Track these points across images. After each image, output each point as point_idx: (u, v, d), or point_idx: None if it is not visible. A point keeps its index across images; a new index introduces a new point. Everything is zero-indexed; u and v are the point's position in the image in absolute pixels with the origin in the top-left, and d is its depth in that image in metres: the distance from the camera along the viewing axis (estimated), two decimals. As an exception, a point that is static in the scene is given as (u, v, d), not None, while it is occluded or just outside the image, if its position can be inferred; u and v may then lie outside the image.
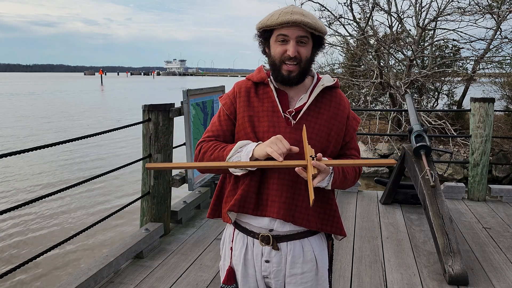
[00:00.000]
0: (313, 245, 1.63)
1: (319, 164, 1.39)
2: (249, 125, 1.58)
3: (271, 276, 1.62)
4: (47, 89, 59.20)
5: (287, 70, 1.54)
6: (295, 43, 1.52)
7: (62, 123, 20.69)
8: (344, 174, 1.58)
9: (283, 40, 1.53)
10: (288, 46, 1.52)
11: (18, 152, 2.62)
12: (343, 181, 1.58)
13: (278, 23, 1.50)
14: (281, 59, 1.54)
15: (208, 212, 1.71)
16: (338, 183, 1.56)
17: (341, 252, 3.67)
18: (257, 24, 1.58)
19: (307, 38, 1.53)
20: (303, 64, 1.55)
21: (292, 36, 1.51)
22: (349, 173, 1.60)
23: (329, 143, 1.59)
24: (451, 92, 13.76)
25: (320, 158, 1.42)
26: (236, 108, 1.63)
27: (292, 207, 1.55)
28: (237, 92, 1.65)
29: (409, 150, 4.34)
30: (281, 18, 1.49)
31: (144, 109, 3.86)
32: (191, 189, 4.32)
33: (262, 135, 1.56)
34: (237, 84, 1.69)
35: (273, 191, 1.55)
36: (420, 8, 12.43)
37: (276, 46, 1.55)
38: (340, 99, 1.65)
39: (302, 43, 1.53)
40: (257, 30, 1.60)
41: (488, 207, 4.98)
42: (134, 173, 9.63)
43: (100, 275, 2.99)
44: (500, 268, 3.41)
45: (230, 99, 1.66)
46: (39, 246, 6.26)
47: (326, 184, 1.52)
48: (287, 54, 1.52)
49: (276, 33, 1.53)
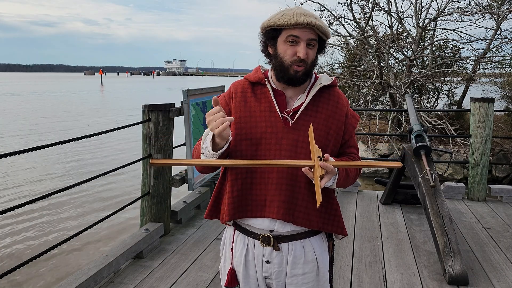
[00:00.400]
0: (314, 245, 1.63)
1: (327, 165, 1.39)
2: (245, 126, 1.58)
3: (272, 277, 1.61)
4: (48, 89, 59.20)
5: (295, 70, 1.53)
6: (305, 45, 1.51)
7: (72, 123, 20.69)
8: (347, 172, 1.58)
9: (293, 41, 1.51)
10: (299, 48, 1.51)
11: (18, 152, 2.62)
12: (345, 179, 1.59)
13: (292, 23, 1.48)
14: (291, 61, 1.53)
15: (206, 212, 1.70)
16: (342, 182, 1.57)
17: (341, 252, 3.67)
18: (265, 22, 1.56)
19: (315, 41, 1.53)
20: (309, 66, 1.55)
21: (304, 38, 1.50)
22: (351, 171, 1.61)
23: (328, 141, 1.59)
24: (451, 92, 13.76)
25: (328, 159, 1.42)
26: (230, 109, 1.62)
27: (292, 206, 1.55)
28: (233, 92, 1.64)
29: (409, 150, 4.34)
30: (295, 19, 1.48)
31: (144, 109, 3.86)
32: (191, 189, 4.32)
33: (260, 136, 1.56)
34: (234, 84, 1.68)
35: (271, 191, 1.54)
36: (420, 8, 12.43)
37: (285, 47, 1.53)
38: (338, 97, 1.65)
39: (311, 45, 1.53)
40: (263, 27, 1.57)
41: (488, 207, 4.98)
42: (134, 173, 9.64)
43: (100, 275, 2.99)
44: (500, 268, 3.41)
45: (224, 100, 1.66)
46: (38, 246, 6.26)
47: (331, 184, 1.52)
48: (297, 56, 1.51)
49: (287, 33, 1.52)
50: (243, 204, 1.57)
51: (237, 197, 1.57)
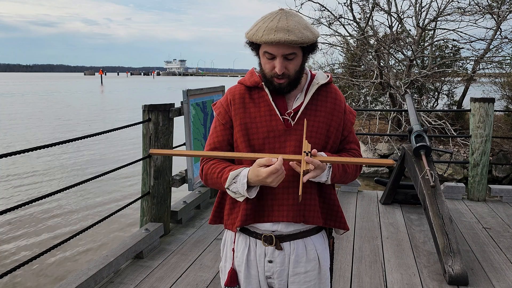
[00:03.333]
0: (316, 243, 1.63)
1: (312, 160, 1.41)
2: (246, 133, 1.57)
3: (274, 276, 1.62)
4: (48, 89, 59.19)
5: (278, 83, 1.53)
6: (282, 60, 1.48)
7: (77, 124, 20.70)
8: (344, 168, 1.58)
9: (269, 57, 1.50)
10: (276, 63, 1.49)
11: (18, 152, 2.62)
12: (343, 175, 1.59)
13: (262, 41, 1.45)
14: (270, 74, 1.52)
15: (210, 218, 1.71)
16: (338, 178, 1.57)
17: (341, 252, 3.67)
18: (245, 34, 1.54)
19: (294, 54, 1.49)
20: (292, 77, 1.53)
21: (278, 54, 1.47)
22: (349, 167, 1.61)
23: (328, 139, 1.60)
24: (451, 92, 13.75)
25: (315, 154, 1.44)
26: (231, 116, 1.61)
27: (301, 207, 1.56)
28: (231, 99, 1.62)
29: (409, 150, 4.34)
30: (265, 37, 1.44)
31: (144, 109, 3.86)
32: (191, 189, 4.32)
33: (263, 141, 1.56)
34: (230, 91, 1.66)
35: (278, 195, 1.55)
36: (420, 8, 12.43)
37: (264, 61, 1.53)
38: (336, 94, 1.65)
39: (289, 59, 1.49)
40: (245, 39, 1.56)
41: (488, 207, 4.98)
42: (134, 173, 9.63)
43: (100, 275, 2.99)
44: (500, 268, 3.41)
45: (223, 108, 1.64)
46: (37, 247, 6.26)
47: (325, 179, 1.53)
48: (275, 71, 1.50)
49: (263, 49, 1.50)
50: (254, 210, 1.58)
51: (250, 205, 1.57)
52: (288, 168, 1.50)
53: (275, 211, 1.56)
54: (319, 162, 1.43)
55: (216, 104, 1.68)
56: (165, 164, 3.93)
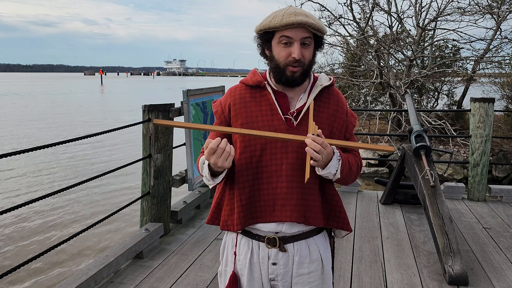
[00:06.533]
0: (318, 244, 1.63)
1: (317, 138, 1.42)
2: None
3: (278, 278, 1.60)
4: (48, 89, 59.17)
5: (291, 71, 1.52)
6: (299, 45, 1.49)
7: (76, 124, 20.70)
8: (349, 166, 1.57)
9: (286, 42, 1.50)
10: (293, 49, 1.49)
11: (18, 153, 2.62)
12: (348, 172, 1.57)
13: (282, 24, 1.47)
14: (286, 62, 1.51)
15: (208, 218, 1.70)
16: (345, 173, 1.55)
17: (341, 252, 3.67)
18: (258, 26, 1.55)
19: (310, 39, 1.51)
20: (306, 66, 1.53)
21: (297, 38, 1.49)
22: (353, 165, 1.60)
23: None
24: (451, 92, 13.76)
25: (321, 134, 1.45)
26: (228, 116, 1.61)
27: (304, 208, 1.55)
28: (231, 99, 1.62)
29: (409, 150, 4.34)
30: (286, 20, 1.46)
31: (144, 109, 3.86)
32: (191, 189, 4.32)
33: (265, 141, 1.55)
34: (231, 91, 1.66)
35: (281, 195, 1.54)
36: (420, 8, 12.43)
37: (279, 49, 1.52)
38: (338, 96, 1.66)
39: (306, 44, 1.51)
40: (257, 32, 1.57)
41: (488, 207, 4.98)
42: (134, 173, 9.63)
43: (100, 275, 2.99)
44: (500, 268, 3.41)
45: (221, 107, 1.64)
46: (37, 247, 6.25)
47: (335, 171, 1.51)
48: (292, 57, 1.50)
49: (279, 35, 1.50)
50: (253, 211, 1.57)
51: (246, 205, 1.56)
52: (292, 168, 1.50)
53: (276, 211, 1.55)
54: (325, 141, 1.44)
55: (216, 102, 1.68)
56: (165, 164, 3.93)
